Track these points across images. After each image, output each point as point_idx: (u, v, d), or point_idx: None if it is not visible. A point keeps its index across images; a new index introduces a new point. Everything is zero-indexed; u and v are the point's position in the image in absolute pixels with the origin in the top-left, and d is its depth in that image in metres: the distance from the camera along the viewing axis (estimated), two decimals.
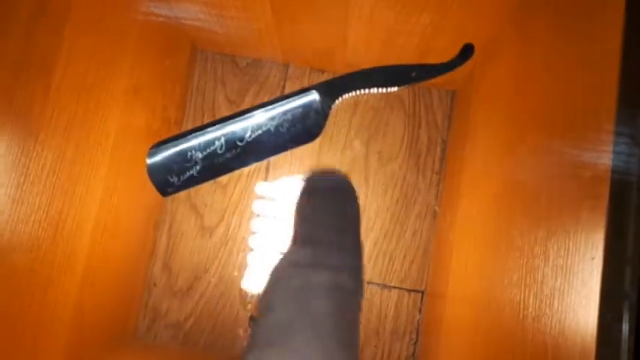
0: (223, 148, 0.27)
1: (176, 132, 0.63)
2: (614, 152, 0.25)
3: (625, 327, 0.23)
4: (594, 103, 0.27)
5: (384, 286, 0.62)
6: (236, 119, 0.27)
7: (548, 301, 0.28)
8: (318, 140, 0.64)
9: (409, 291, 0.61)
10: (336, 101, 0.29)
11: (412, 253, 0.62)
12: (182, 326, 0.61)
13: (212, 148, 0.27)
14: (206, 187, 0.63)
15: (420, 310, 0.61)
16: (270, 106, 0.28)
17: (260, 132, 0.27)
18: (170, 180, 0.29)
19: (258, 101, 0.66)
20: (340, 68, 0.64)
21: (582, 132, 0.28)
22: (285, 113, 0.27)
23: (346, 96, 0.29)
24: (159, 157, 0.29)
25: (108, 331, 0.53)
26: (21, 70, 0.33)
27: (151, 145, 0.30)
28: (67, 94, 0.37)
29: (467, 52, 0.31)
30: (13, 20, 0.32)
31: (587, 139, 0.28)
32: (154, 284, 0.61)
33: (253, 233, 0.47)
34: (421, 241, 0.62)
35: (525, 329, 0.30)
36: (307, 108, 0.28)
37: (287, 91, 0.66)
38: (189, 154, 0.28)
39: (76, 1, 0.37)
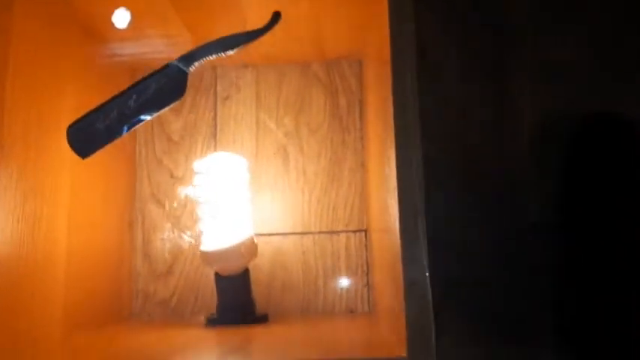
0: (117, 112, 0.37)
1: (130, 144, 0.74)
2: None
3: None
4: None
5: (333, 233, 0.72)
6: (125, 92, 0.38)
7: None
8: (255, 122, 0.75)
9: (354, 232, 0.71)
10: (192, 66, 0.40)
11: (351, 200, 0.72)
12: (169, 302, 0.71)
13: (112, 113, 0.37)
14: (165, 181, 0.73)
15: (365, 246, 0.71)
16: (146, 80, 0.39)
17: (143, 97, 0.37)
18: (86, 144, 0.39)
19: (197, 105, 0.76)
20: (256, 59, 0.75)
21: None
22: (157, 81, 0.38)
23: (200, 61, 0.40)
24: (75, 127, 0.39)
25: (104, 314, 0.64)
26: None
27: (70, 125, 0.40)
28: (20, 113, 0.48)
29: (275, 18, 0.41)
30: None
31: None
32: (139, 272, 0.72)
33: (199, 204, 0.57)
34: (356, 189, 0.72)
35: None
36: (170, 74, 0.39)
37: (219, 90, 0.76)
38: (96, 120, 0.38)
39: (16, 36, 0.47)
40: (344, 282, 0.70)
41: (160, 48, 0.67)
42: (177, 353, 0.41)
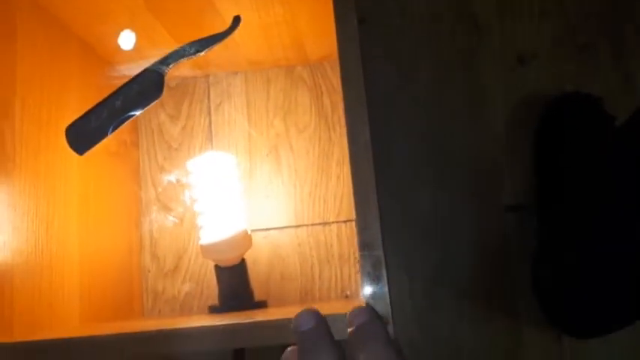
0: (107, 112, 0.43)
1: (134, 152, 0.79)
2: None
3: None
4: None
5: (325, 224, 0.76)
6: (112, 95, 0.44)
7: None
8: (247, 125, 0.80)
9: (345, 222, 0.76)
10: (167, 68, 0.45)
11: (340, 192, 0.77)
12: (177, 299, 0.76)
13: (103, 114, 0.43)
14: (169, 186, 0.79)
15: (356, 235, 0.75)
16: (129, 83, 0.45)
17: (127, 98, 0.43)
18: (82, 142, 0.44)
19: (192, 113, 0.82)
20: (245, 66, 0.80)
21: None
22: (139, 83, 0.44)
23: (175, 63, 0.45)
24: (71, 128, 0.45)
25: (117, 309, 0.69)
26: None
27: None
28: (30, 130, 0.54)
29: (235, 22, 0.46)
30: None
31: None
32: (148, 271, 0.77)
33: (194, 201, 0.63)
34: (345, 181, 0.77)
35: None
36: (149, 77, 0.44)
37: (212, 97, 0.82)
38: (90, 121, 0.44)
39: (21, 59, 0.53)
40: (338, 269, 0.75)
41: (150, 57, 0.73)
42: (181, 324, 0.46)
